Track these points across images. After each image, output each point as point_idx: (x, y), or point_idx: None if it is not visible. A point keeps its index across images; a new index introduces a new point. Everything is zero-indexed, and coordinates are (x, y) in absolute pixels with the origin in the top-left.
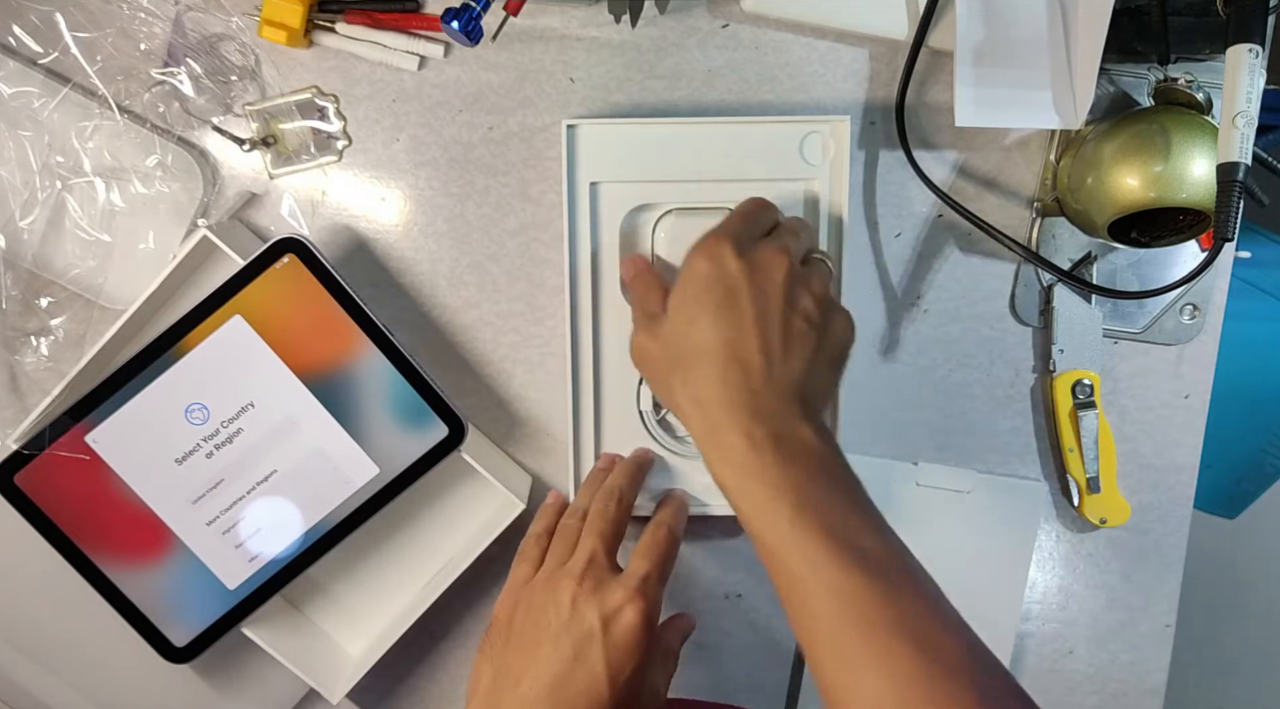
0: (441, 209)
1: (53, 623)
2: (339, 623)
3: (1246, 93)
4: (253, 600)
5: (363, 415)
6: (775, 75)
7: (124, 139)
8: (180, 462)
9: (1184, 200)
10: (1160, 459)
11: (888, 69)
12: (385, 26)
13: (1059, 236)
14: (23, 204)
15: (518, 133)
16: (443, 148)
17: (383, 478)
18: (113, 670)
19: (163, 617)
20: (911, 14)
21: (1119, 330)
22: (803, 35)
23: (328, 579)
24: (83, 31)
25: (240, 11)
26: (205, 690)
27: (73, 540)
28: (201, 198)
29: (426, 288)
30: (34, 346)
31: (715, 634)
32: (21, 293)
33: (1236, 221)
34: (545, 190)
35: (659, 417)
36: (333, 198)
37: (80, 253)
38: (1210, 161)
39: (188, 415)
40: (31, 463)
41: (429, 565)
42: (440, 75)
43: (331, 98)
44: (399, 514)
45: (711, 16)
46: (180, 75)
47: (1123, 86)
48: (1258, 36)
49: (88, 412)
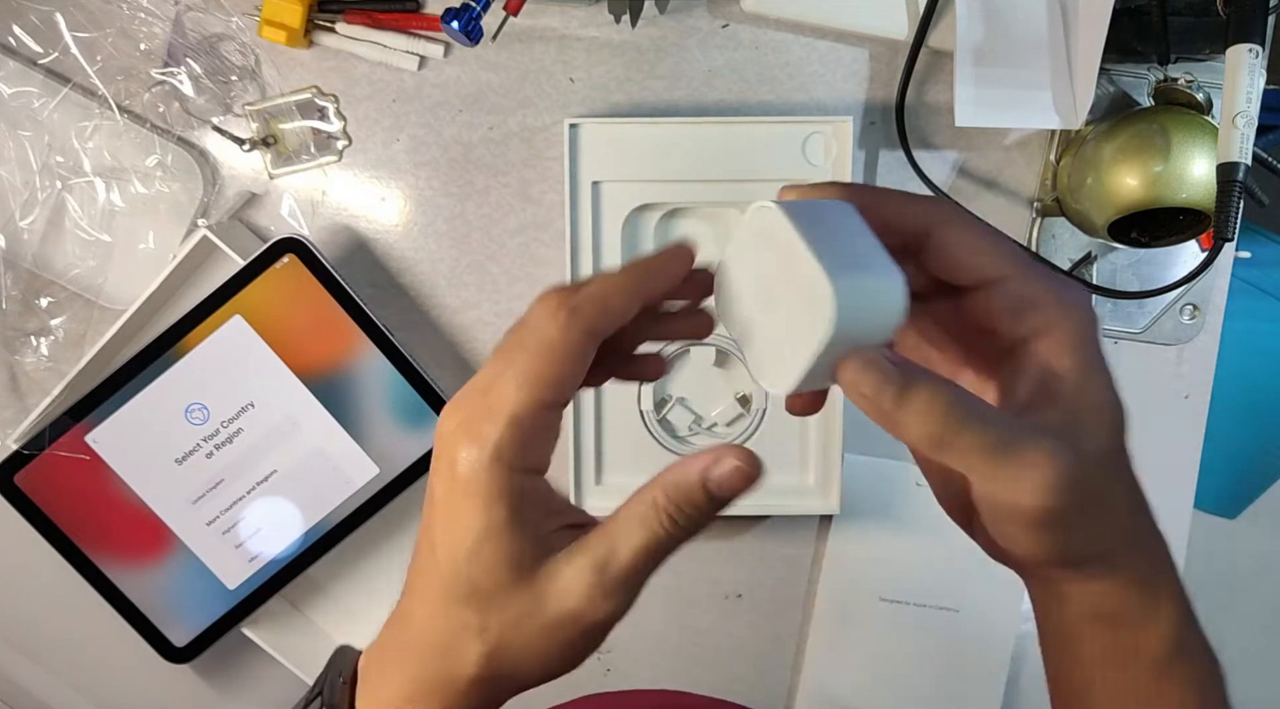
0: (441, 209)
1: (53, 623)
2: (339, 623)
3: (1246, 93)
4: (253, 600)
5: (363, 415)
6: (775, 75)
7: (124, 139)
8: (180, 462)
9: (1184, 200)
10: (1160, 459)
11: (888, 69)
12: (385, 26)
13: (1059, 236)
14: (23, 204)
15: (518, 133)
16: (443, 148)
17: (383, 478)
18: (113, 670)
19: (163, 617)
20: (911, 14)
21: (1119, 330)
22: (803, 35)
23: (328, 579)
24: (83, 31)
25: (240, 11)
26: (205, 690)
27: (73, 540)
28: (201, 198)
29: (426, 288)
30: (34, 346)
31: (715, 634)
32: (21, 293)
33: (1236, 221)
34: (545, 190)
35: (659, 416)
36: (333, 198)
37: (80, 253)
38: (1210, 161)
39: (188, 415)
40: (31, 463)
41: None
42: (440, 75)
43: (331, 98)
44: (399, 514)
45: (711, 16)
46: (180, 75)
47: (1123, 86)
48: (1258, 36)
49: (88, 412)
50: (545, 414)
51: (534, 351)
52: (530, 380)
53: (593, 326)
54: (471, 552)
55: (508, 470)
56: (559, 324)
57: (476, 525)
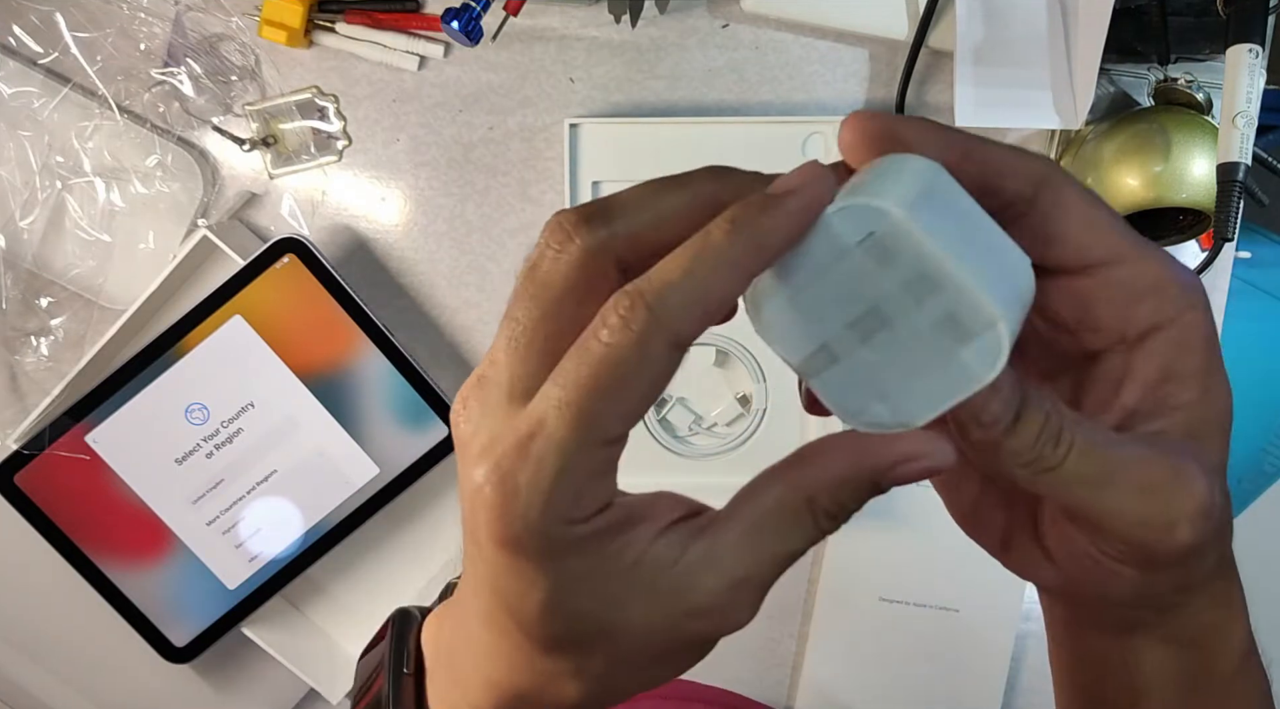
0: (441, 209)
1: (53, 623)
2: (339, 623)
3: (1246, 93)
4: (253, 600)
5: (363, 415)
6: (775, 75)
7: (124, 139)
8: (180, 462)
9: (1184, 200)
10: None
11: (888, 69)
12: (385, 26)
13: None
14: (23, 204)
15: (518, 133)
16: (443, 148)
17: (383, 478)
18: (113, 670)
19: (163, 617)
20: (911, 14)
21: None
22: (803, 35)
23: (328, 579)
24: (83, 31)
25: (240, 11)
26: (205, 690)
27: (73, 540)
28: (201, 198)
29: (426, 288)
30: (34, 346)
31: None
32: (21, 293)
33: (1236, 221)
34: (545, 190)
35: (659, 416)
36: (333, 198)
37: (80, 253)
38: (1210, 161)
39: (188, 415)
40: (31, 463)
41: (429, 565)
42: (440, 75)
43: (331, 98)
44: (399, 514)
45: (711, 16)
46: (180, 75)
47: (1123, 86)
48: (1258, 36)
49: (88, 412)
50: (611, 450)
51: (596, 371)
52: (591, 414)
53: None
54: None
55: (564, 525)
56: (635, 333)
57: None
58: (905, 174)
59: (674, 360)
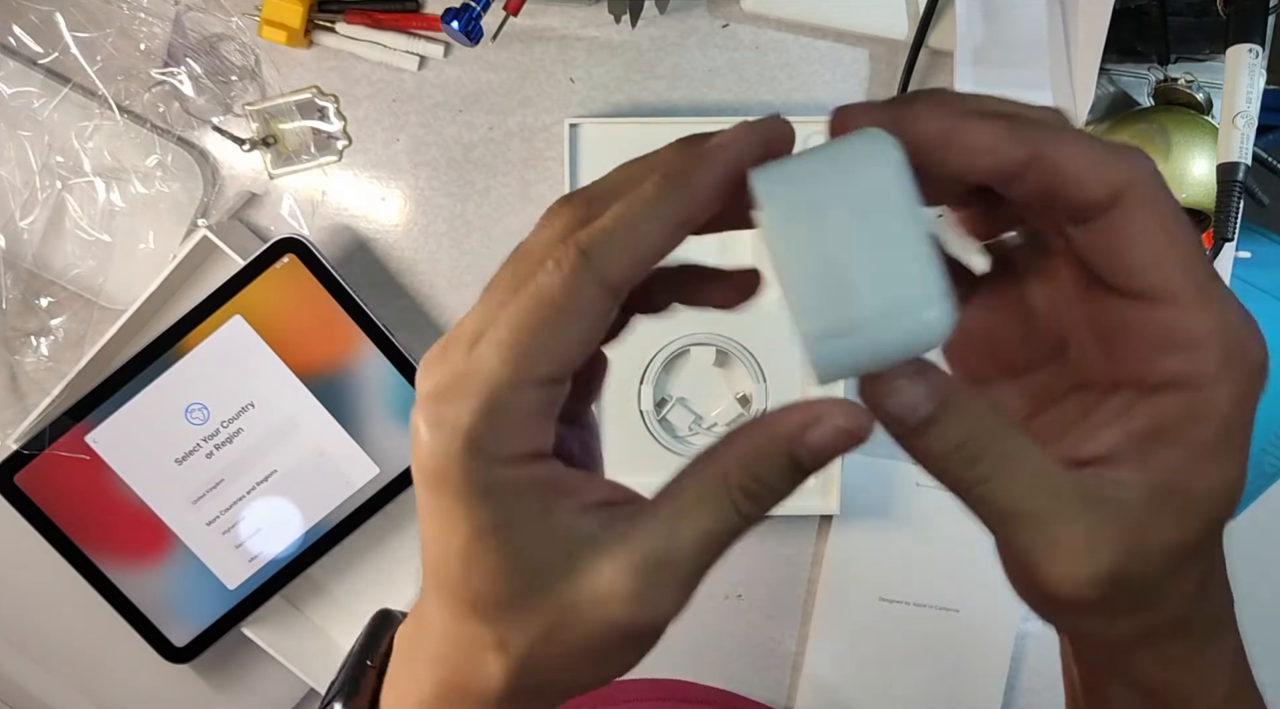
0: (441, 209)
1: (53, 623)
2: (339, 623)
3: (1246, 93)
4: (253, 600)
5: (363, 415)
6: (775, 75)
7: (124, 139)
8: (180, 462)
9: (1184, 200)
10: None
11: (888, 69)
12: (385, 26)
13: None
14: (23, 204)
15: (518, 133)
16: (443, 148)
17: (383, 478)
18: (113, 670)
19: (163, 617)
20: (911, 14)
21: None
22: (803, 35)
23: (328, 579)
24: (83, 31)
25: (240, 11)
26: (205, 690)
27: (73, 540)
28: (201, 198)
29: (426, 288)
30: (34, 346)
31: (715, 634)
32: (21, 293)
33: (1236, 221)
34: (545, 190)
35: (659, 416)
36: (333, 198)
37: (80, 253)
38: (1210, 161)
39: (188, 415)
40: (31, 463)
41: None
42: (440, 75)
43: (331, 98)
44: (399, 514)
45: (711, 16)
46: (180, 75)
47: (1123, 86)
48: (1258, 36)
49: (88, 412)
50: (540, 392)
51: (528, 307)
52: (520, 350)
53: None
54: (463, 558)
55: (487, 463)
56: (565, 273)
57: (462, 529)
58: (839, 160)
59: (605, 304)
